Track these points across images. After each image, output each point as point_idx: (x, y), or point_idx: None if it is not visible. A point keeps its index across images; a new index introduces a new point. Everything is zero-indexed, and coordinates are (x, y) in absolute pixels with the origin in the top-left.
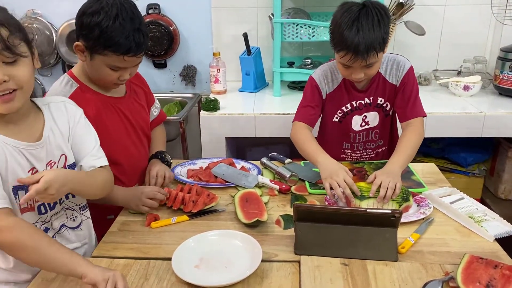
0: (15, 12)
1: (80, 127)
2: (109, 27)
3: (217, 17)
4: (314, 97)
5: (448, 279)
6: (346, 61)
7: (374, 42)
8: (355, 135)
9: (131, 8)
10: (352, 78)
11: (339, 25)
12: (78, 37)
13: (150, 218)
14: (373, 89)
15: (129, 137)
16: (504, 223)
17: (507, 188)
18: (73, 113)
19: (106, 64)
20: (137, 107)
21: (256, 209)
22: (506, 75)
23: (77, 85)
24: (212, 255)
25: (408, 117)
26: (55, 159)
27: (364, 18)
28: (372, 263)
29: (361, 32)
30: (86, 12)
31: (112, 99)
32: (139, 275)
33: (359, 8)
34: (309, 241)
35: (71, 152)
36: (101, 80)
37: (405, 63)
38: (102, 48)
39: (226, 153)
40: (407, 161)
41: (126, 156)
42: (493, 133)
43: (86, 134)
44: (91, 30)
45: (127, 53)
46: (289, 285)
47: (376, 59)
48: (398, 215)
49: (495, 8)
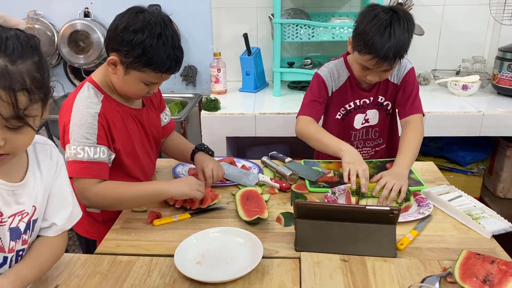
0: (17, 13)
1: (62, 177)
2: (153, 47)
3: (217, 17)
4: (321, 92)
5: (446, 275)
6: (371, 65)
7: (402, 48)
8: (356, 133)
9: (170, 24)
10: (367, 80)
11: (368, 29)
12: (114, 50)
13: (152, 216)
14: (376, 88)
15: (144, 148)
16: (501, 220)
17: (506, 187)
18: (56, 161)
19: (141, 80)
20: (153, 118)
21: (257, 207)
22: (504, 74)
23: (102, 95)
24: (214, 252)
25: (407, 113)
26: (28, 209)
27: (397, 24)
28: (371, 259)
29: (392, 38)
30: (129, 29)
31: (133, 111)
32: (142, 272)
33: (390, 14)
34: (309, 238)
35: (44, 203)
36: (130, 93)
37: (407, 64)
38: (141, 66)
39: (227, 152)
40: (413, 160)
41: (139, 166)
42: (491, 132)
43: (67, 186)
44: (133, 47)
45: (167, 72)
46: (289, 281)
47: (398, 64)
48: (397, 212)
49: (493, 8)
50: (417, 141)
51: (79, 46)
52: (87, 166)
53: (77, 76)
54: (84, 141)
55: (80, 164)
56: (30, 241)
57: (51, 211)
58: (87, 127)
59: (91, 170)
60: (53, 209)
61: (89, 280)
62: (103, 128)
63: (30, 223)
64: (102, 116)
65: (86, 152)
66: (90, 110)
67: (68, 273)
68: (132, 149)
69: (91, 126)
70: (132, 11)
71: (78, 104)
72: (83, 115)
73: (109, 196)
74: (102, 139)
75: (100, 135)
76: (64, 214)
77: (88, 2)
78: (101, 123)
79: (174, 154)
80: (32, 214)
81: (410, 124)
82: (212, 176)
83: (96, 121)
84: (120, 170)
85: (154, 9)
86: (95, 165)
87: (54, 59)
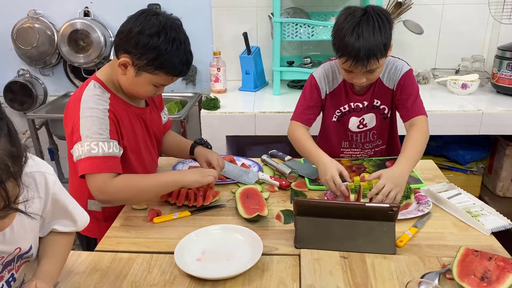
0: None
1: (60, 195)
2: (168, 51)
3: (217, 16)
4: (313, 96)
5: (445, 271)
6: (347, 67)
7: (374, 48)
8: (353, 135)
9: (182, 28)
10: (355, 83)
11: (340, 30)
12: (126, 52)
13: (153, 214)
14: (370, 92)
15: (147, 147)
16: (500, 217)
17: (505, 186)
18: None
19: (152, 82)
20: (155, 117)
21: (257, 205)
22: (503, 73)
23: (108, 93)
24: (214, 249)
25: (410, 115)
26: (10, 250)
27: (365, 24)
28: (370, 256)
29: (361, 39)
30: (144, 32)
31: (137, 110)
32: (143, 268)
33: (360, 14)
34: (309, 235)
35: (33, 235)
36: (137, 94)
37: (403, 67)
38: (154, 69)
39: (227, 151)
40: (416, 162)
41: (142, 164)
42: (490, 130)
43: (66, 202)
44: (147, 50)
45: (179, 75)
46: (289, 277)
47: (377, 65)
48: (396, 209)
49: (492, 7)
50: (420, 141)
51: (79, 45)
52: (103, 161)
53: (77, 75)
54: (98, 137)
55: (95, 160)
56: (21, 270)
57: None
58: (99, 122)
59: (107, 165)
60: (60, 224)
61: (90, 277)
62: (114, 124)
63: (14, 258)
64: (111, 112)
65: (101, 147)
66: (100, 106)
67: (68, 270)
68: (136, 147)
69: (103, 122)
70: (147, 13)
71: (86, 101)
72: (94, 111)
73: (127, 188)
74: (114, 134)
75: (112, 130)
76: (69, 223)
77: (88, 1)
78: (112, 119)
79: (172, 151)
80: (18, 253)
81: (414, 126)
82: (219, 164)
83: (107, 117)
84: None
85: (166, 12)
86: (110, 160)
87: (54, 58)
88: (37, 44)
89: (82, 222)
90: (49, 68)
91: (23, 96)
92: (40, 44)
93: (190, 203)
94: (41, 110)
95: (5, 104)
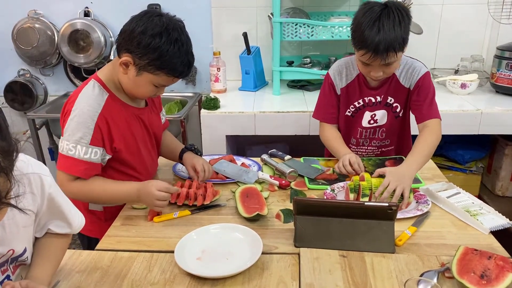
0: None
1: (55, 195)
2: (169, 51)
3: (217, 16)
4: (331, 95)
5: (444, 270)
6: (365, 60)
7: (394, 42)
8: (363, 131)
9: (185, 30)
10: (371, 76)
11: (360, 24)
12: (128, 51)
13: (153, 213)
14: (384, 88)
15: (146, 147)
16: (499, 216)
17: (504, 185)
18: (39, 190)
19: (152, 82)
20: (154, 117)
21: (257, 204)
22: (502, 73)
23: (107, 93)
24: (214, 248)
25: (424, 118)
26: (3, 251)
27: (385, 18)
28: (370, 255)
29: (381, 32)
30: (147, 33)
31: (137, 110)
32: (143, 267)
33: (381, 8)
34: (309, 234)
35: (27, 237)
36: (138, 94)
37: (421, 68)
38: (155, 69)
39: (227, 151)
40: (424, 162)
41: (142, 164)
42: (490, 130)
43: (62, 203)
44: (149, 51)
45: (179, 76)
46: (289, 276)
47: (395, 58)
48: (395, 208)
49: (491, 7)
50: (431, 143)
51: (79, 45)
52: (74, 164)
53: (77, 75)
54: (78, 140)
55: (69, 160)
56: (17, 272)
57: (52, 225)
58: (83, 126)
59: (77, 168)
60: (55, 224)
61: (90, 275)
62: (100, 130)
63: (8, 260)
64: (102, 117)
65: (78, 150)
66: (91, 109)
67: (69, 269)
68: (135, 148)
69: (88, 127)
70: (150, 14)
71: (80, 100)
72: (83, 114)
73: (81, 195)
74: (96, 141)
75: (96, 136)
76: (63, 224)
77: (88, 2)
78: (98, 125)
79: (163, 152)
80: (11, 255)
81: (427, 128)
82: (203, 170)
83: (94, 123)
84: (122, 168)
85: (169, 13)
86: (83, 165)
87: (54, 59)
88: (38, 44)
89: (78, 225)
90: (49, 68)
91: (23, 96)
92: (40, 44)
93: (190, 202)
94: (41, 110)
95: (6, 104)
